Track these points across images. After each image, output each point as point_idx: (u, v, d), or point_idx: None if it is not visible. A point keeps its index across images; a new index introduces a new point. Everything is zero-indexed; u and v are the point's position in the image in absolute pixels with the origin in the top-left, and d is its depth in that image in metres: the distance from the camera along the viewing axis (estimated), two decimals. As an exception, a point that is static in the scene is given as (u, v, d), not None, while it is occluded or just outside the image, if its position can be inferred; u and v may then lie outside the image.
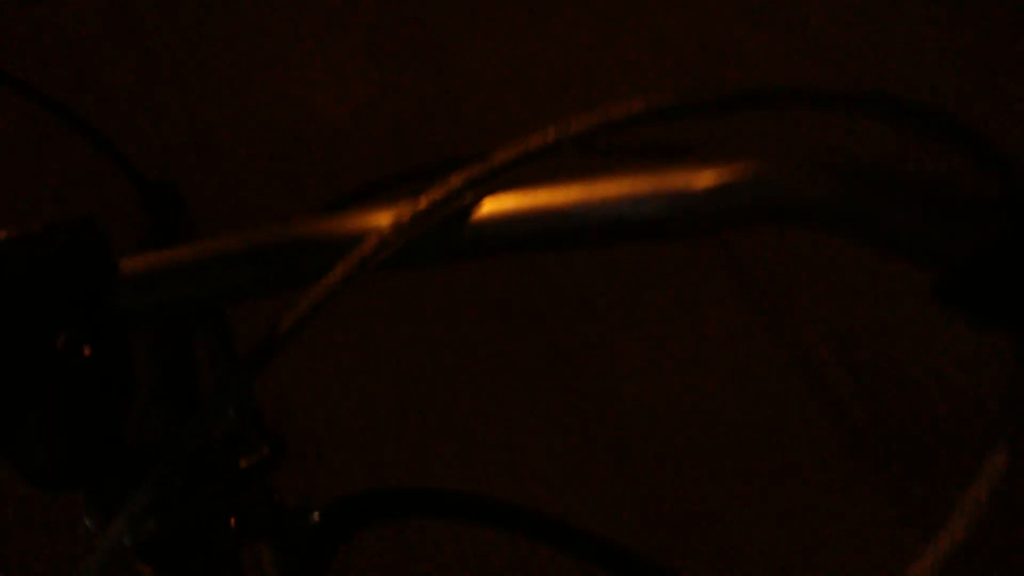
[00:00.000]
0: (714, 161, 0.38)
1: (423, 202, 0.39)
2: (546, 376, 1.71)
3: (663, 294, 1.78)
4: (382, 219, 0.40)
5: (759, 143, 0.40)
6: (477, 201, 0.40)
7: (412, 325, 1.77)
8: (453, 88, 2.09)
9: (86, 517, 0.49)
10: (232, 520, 0.54)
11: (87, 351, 0.40)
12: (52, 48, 2.16)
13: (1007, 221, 0.35)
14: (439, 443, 1.65)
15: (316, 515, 0.61)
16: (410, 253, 0.40)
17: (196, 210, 0.57)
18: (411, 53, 2.17)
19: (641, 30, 2.10)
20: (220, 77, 2.14)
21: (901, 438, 1.62)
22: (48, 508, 1.52)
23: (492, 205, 0.40)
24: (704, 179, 0.38)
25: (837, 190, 0.36)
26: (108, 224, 0.44)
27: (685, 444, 1.63)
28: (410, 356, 1.72)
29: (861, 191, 0.36)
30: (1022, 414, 0.36)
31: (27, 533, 1.53)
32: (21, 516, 1.55)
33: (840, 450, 1.61)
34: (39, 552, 1.52)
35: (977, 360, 1.67)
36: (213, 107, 2.09)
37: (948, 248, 0.35)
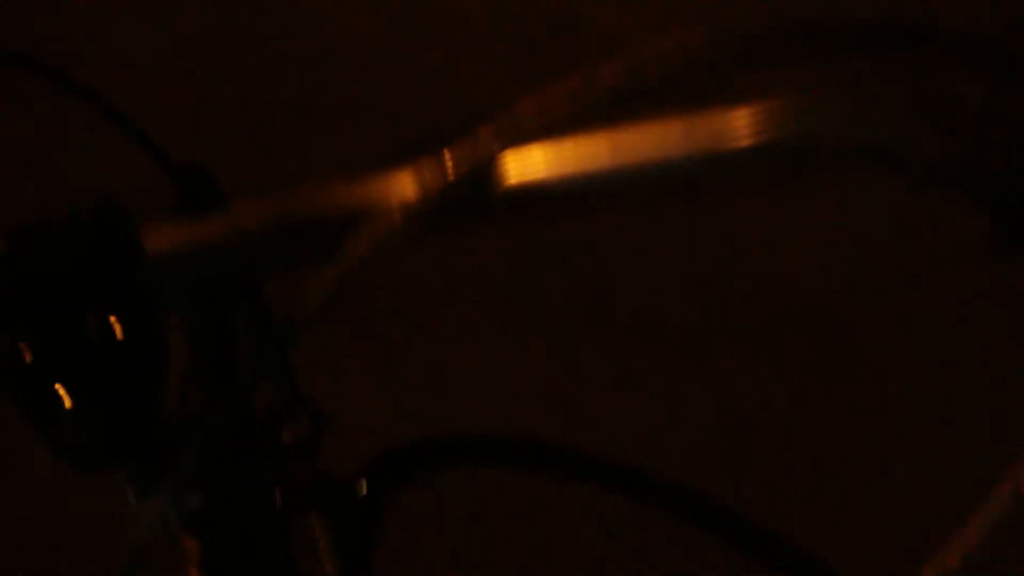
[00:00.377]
0: (755, 102, 0.37)
1: (447, 159, 0.38)
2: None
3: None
4: (408, 182, 0.40)
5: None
6: (503, 158, 0.39)
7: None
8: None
9: (128, 493, 0.49)
10: (278, 494, 0.54)
11: (118, 330, 0.40)
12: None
13: None
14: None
15: (362, 480, 0.61)
16: (437, 215, 0.39)
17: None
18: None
19: None
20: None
21: None
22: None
23: (519, 162, 0.39)
24: (744, 122, 0.36)
25: (891, 127, 0.34)
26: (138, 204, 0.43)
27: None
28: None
29: (917, 126, 0.34)
30: None
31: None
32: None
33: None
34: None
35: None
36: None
37: (1009, 187, 0.33)
